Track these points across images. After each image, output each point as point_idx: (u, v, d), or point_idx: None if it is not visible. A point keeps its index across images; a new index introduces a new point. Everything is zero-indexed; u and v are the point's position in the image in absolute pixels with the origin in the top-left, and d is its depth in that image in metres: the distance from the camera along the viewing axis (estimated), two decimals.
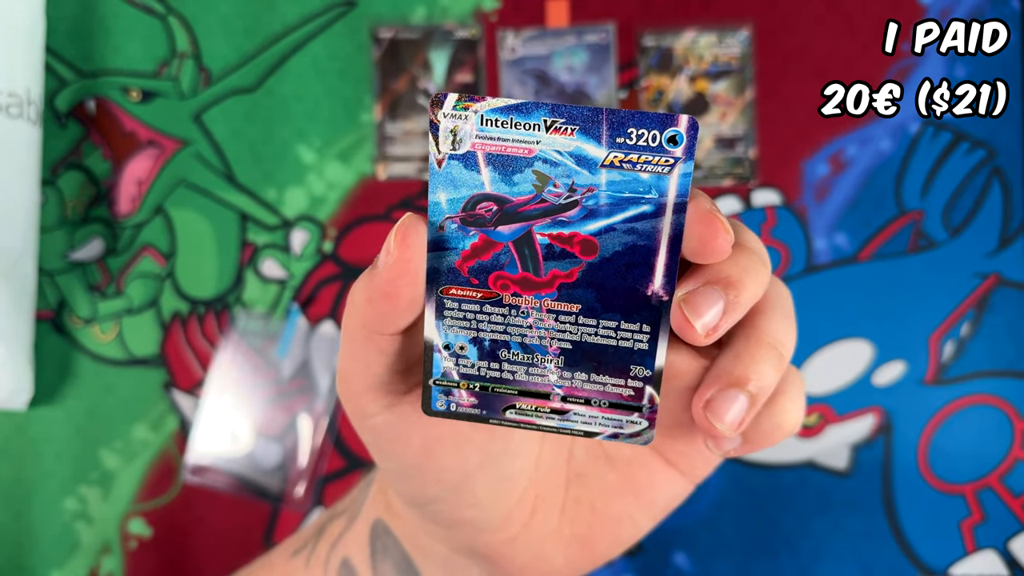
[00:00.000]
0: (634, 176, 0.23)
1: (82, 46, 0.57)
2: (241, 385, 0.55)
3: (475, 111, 0.22)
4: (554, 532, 0.30)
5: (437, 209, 0.23)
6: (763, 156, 0.56)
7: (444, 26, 0.57)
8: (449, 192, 0.23)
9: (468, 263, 0.24)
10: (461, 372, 0.25)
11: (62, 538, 0.55)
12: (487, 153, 0.23)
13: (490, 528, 0.29)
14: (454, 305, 0.24)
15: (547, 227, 0.23)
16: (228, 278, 0.56)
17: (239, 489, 0.55)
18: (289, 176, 0.57)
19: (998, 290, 0.55)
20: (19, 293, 0.52)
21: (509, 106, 0.22)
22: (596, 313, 0.24)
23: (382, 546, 0.33)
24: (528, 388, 0.25)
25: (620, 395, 0.25)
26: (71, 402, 0.55)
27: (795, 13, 0.57)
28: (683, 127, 0.22)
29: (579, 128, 0.22)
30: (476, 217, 0.23)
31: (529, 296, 0.24)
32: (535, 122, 0.22)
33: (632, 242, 0.23)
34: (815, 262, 0.56)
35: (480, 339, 0.25)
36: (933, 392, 0.55)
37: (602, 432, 0.25)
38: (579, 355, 0.25)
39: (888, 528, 0.55)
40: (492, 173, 0.23)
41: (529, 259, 0.24)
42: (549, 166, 0.23)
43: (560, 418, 0.25)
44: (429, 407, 0.25)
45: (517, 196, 0.23)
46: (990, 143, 0.56)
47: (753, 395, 0.25)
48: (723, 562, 0.54)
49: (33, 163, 0.53)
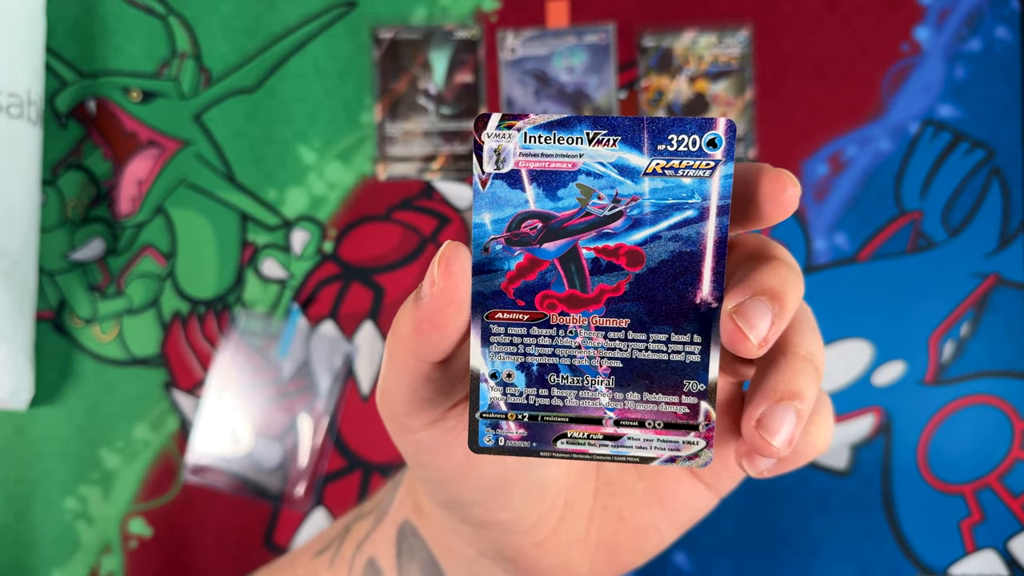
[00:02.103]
0: (676, 182, 0.23)
1: (83, 46, 0.57)
2: (241, 385, 0.55)
3: (518, 129, 0.22)
4: (581, 539, 0.30)
5: (482, 231, 0.23)
6: (763, 156, 0.57)
7: (444, 27, 0.57)
8: (494, 212, 0.23)
9: (514, 284, 0.23)
10: (509, 402, 0.24)
11: (63, 538, 0.55)
12: (531, 170, 0.23)
13: (519, 531, 0.29)
14: (500, 330, 0.24)
15: (592, 240, 0.23)
16: (228, 278, 0.56)
17: (239, 489, 0.55)
18: (289, 176, 0.57)
19: (997, 290, 0.55)
20: (20, 293, 0.52)
21: (552, 122, 0.22)
22: (646, 327, 0.24)
23: (408, 547, 0.33)
24: (579, 414, 0.24)
25: (675, 414, 0.24)
26: (72, 402, 0.55)
27: (795, 14, 0.57)
28: (721, 130, 0.22)
29: (621, 138, 0.22)
30: (521, 236, 0.23)
31: (577, 314, 0.24)
32: (578, 135, 0.22)
33: (678, 249, 0.23)
34: (815, 262, 0.56)
35: (528, 364, 0.24)
36: (933, 392, 0.55)
37: (659, 456, 0.25)
38: (630, 373, 0.24)
39: (888, 528, 0.55)
40: (536, 190, 0.23)
41: (576, 275, 0.24)
42: (593, 179, 0.23)
43: (614, 445, 0.25)
44: (476, 444, 0.25)
45: (562, 211, 0.23)
46: (989, 143, 0.56)
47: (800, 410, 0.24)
48: (723, 561, 0.55)
49: (34, 163, 0.53)
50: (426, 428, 0.26)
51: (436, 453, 0.27)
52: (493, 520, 0.29)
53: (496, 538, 0.30)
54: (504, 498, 0.28)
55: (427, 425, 0.26)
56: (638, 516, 0.30)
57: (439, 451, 0.27)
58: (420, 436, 0.27)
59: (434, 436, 0.27)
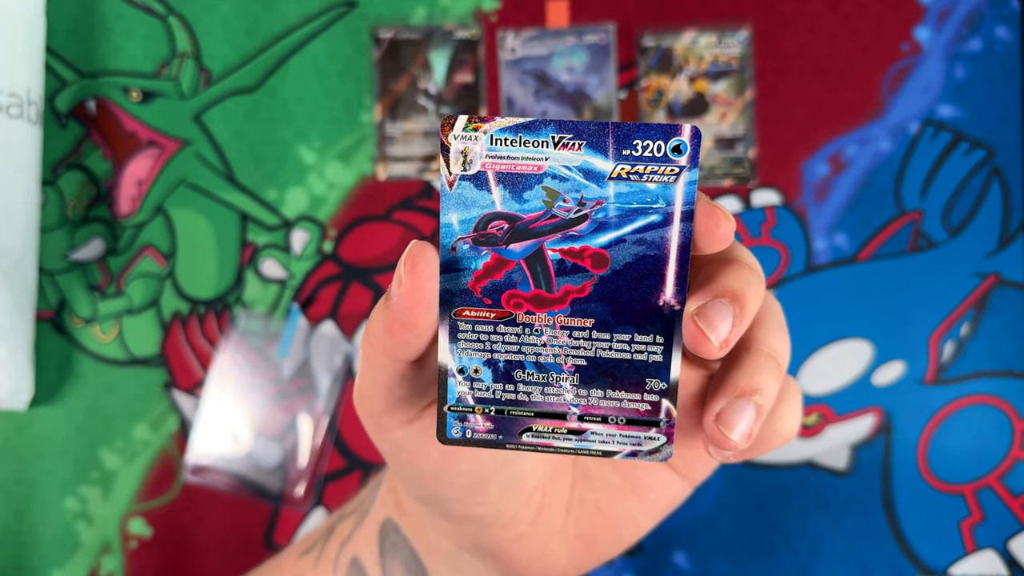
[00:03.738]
0: (641, 187, 0.23)
1: (83, 46, 0.57)
2: (241, 385, 0.55)
3: (484, 131, 0.23)
4: (559, 531, 0.31)
5: (449, 231, 0.23)
6: (763, 156, 0.57)
7: (444, 26, 0.57)
8: (460, 213, 0.23)
9: (481, 283, 0.24)
10: (476, 396, 0.25)
11: (63, 538, 0.55)
12: (497, 172, 0.23)
13: (498, 525, 0.30)
14: (468, 327, 0.24)
15: (558, 243, 0.24)
16: (228, 278, 0.56)
17: (239, 489, 0.55)
18: (289, 176, 0.57)
19: (997, 290, 0.55)
20: (20, 293, 0.52)
21: (518, 125, 0.23)
22: (610, 327, 0.24)
23: (391, 544, 0.33)
24: (544, 409, 0.25)
25: (637, 411, 0.25)
26: (71, 402, 0.55)
27: (794, 14, 0.57)
28: (686, 136, 0.22)
29: (586, 143, 0.23)
30: (488, 236, 0.23)
31: (542, 313, 0.24)
32: (543, 139, 0.23)
33: (642, 252, 0.24)
34: (815, 262, 0.56)
35: (494, 360, 0.25)
36: (933, 392, 0.55)
37: (620, 451, 0.25)
38: (594, 371, 0.25)
39: (888, 528, 0.55)
40: (503, 192, 0.23)
41: (541, 276, 0.24)
42: (558, 181, 0.23)
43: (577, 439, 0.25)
44: (444, 435, 0.25)
45: (528, 213, 0.23)
46: (989, 143, 0.56)
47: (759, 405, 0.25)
48: (723, 562, 0.55)
49: (34, 163, 0.53)
50: (402, 427, 0.27)
51: (413, 451, 0.27)
52: (471, 515, 0.29)
53: (475, 532, 0.30)
54: (482, 493, 0.28)
55: (403, 424, 0.27)
56: (615, 507, 0.31)
57: (416, 449, 0.27)
58: (397, 435, 0.27)
59: (410, 434, 0.27)
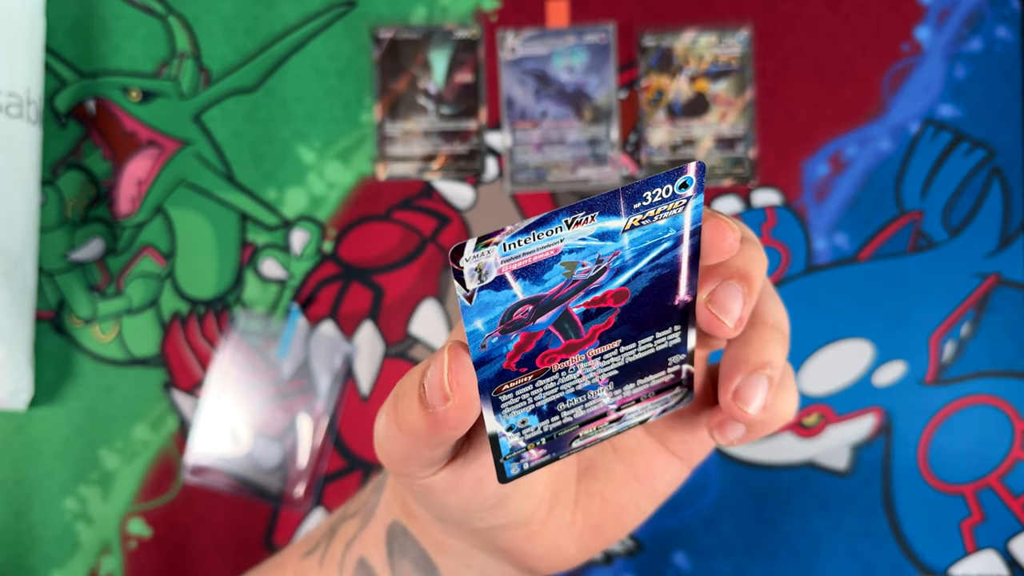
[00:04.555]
0: (653, 226, 0.23)
1: (82, 46, 0.57)
2: (241, 385, 0.55)
3: (496, 243, 0.21)
4: (568, 524, 0.32)
5: (476, 334, 0.23)
6: (763, 156, 0.57)
7: (444, 26, 0.57)
8: (485, 316, 0.23)
9: (515, 360, 0.24)
10: (527, 439, 0.26)
11: (62, 538, 0.55)
12: (515, 270, 0.22)
13: (513, 527, 0.30)
14: (508, 395, 0.25)
15: (581, 299, 0.24)
16: (228, 278, 0.56)
17: (239, 489, 0.55)
18: (289, 176, 0.57)
19: (998, 290, 0.55)
20: (19, 293, 0.52)
21: (529, 225, 0.22)
22: (634, 338, 0.26)
23: (399, 545, 0.33)
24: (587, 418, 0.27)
25: (663, 382, 0.27)
26: (71, 402, 0.55)
27: (795, 13, 0.57)
28: (692, 172, 0.22)
29: (598, 213, 0.22)
30: (515, 323, 0.23)
31: (575, 356, 0.25)
32: (557, 226, 0.22)
33: (658, 274, 0.24)
34: (815, 262, 0.56)
35: (538, 407, 0.25)
36: (933, 392, 0.55)
37: (653, 414, 0.28)
38: (625, 374, 0.26)
39: (888, 528, 0.55)
40: (523, 283, 0.23)
41: (570, 330, 0.24)
42: (575, 253, 0.23)
43: (618, 424, 0.27)
44: (504, 478, 0.26)
45: (549, 289, 0.23)
46: (990, 143, 0.56)
47: (771, 378, 0.26)
48: (723, 562, 0.54)
49: (33, 163, 0.53)
50: (434, 476, 0.27)
51: (445, 491, 0.27)
52: (490, 525, 0.30)
53: (491, 535, 0.30)
54: (502, 508, 0.29)
55: (434, 473, 0.27)
56: (619, 495, 0.32)
57: (448, 490, 0.27)
58: (429, 481, 0.27)
59: (443, 478, 0.27)
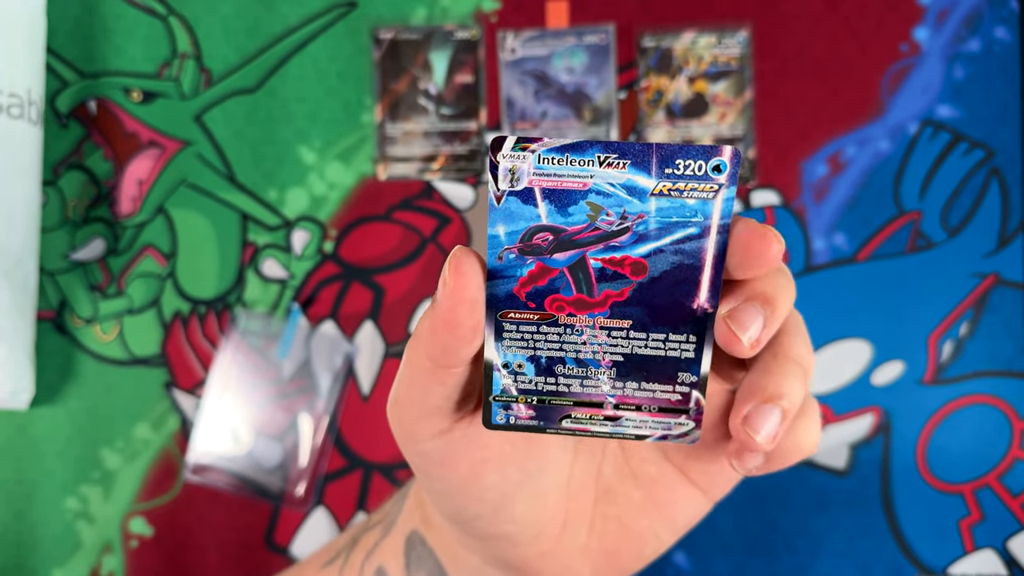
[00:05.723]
0: (681, 202, 0.24)
1: (83, 47, 0.57)
2: (242, 385, 0.55)
3: (533, 151, 0.24)
4: (583, 546, 0.31)
5: (496, 241, 0.25)
6: (762, 156, 0.57)
7: (444, 27, 0.57)
8: (508, 225, 0.24)
9: (525, 288, 0.25)
10: (519, 388, 0.26)
11: (63, 537, 0.55)
12: (544, 188, 0.24)
13: (524, 543, 0.30)
14: (512, 327, 0.26)
15: (600, 252, 0.25)
16: (229, 278, 0.56)
17: (240, 488, 0.55)
18: (290, 176, 0.57)
19: (996, 290, 0.56)
20: (20, 293, 0.52)
21: (564, 145, 0.24)
22: (646, 327, 0.26)
23: (417, 556, 0.34)
24: (582, 399, 0.27)
25: (669, 400, 0.27)
26: (72, 402, 0.56)
27: (794, 14, 0.57)
28: (727, 157, 0.24)
29: (631, 162, 0.24)
30: (533, 247, 0.25)
31: (583, 315, 0.25)
32: (589, 158, 0.24)
33: (679, 261, 0.25)
34: (814, 262, 0.56)
35: (537, 356, 0.26)
36: (932, 392, 0.55)
37: (652, 435, 0.27)
38: (630, 366, 0.26)
39: (887, 527, 0.55)
40: (548, 206, 0.24)
41: (583, 282, 0.25)
42: (602, 197, 0.24)
43: (613, 424, 0.27)
44: (489, 421, 0.27)
45: (572, 226, 0.24)
46: (988, 143, 0.56)
47: (785, 409, 0.26)
48: (722, 561, 0.55)
49: (34, 163, 0.53)
50: (433, 438, 0.28)
51: (443, 463, 0.28)
52: (498, 532, 0.30)
53: (502, 549, 0.31)
54: (507, 510, 0.29)
55: (435, 435, 0.28)
56: (636, 522, 0.31)
57: (445, 461, 0.28)
58: (427, 446, 0.28)
59: (440, 447, 0.28)
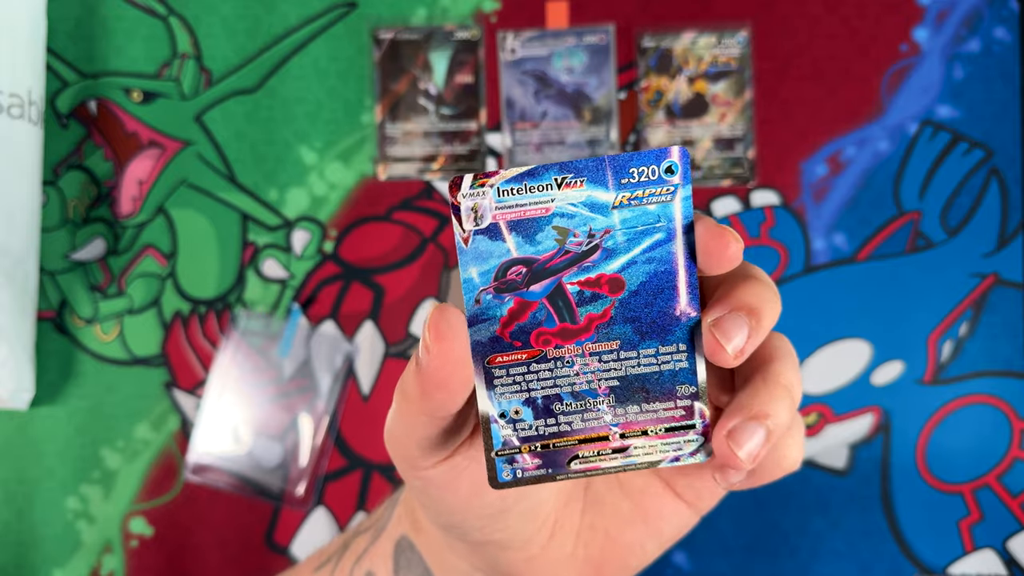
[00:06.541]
0: (643, 210, 0.25)
1: (84, 47, 0.57)
2: (242, 385, 0.55)
3: (491, 185, 0.24)
4: (569, 555, 0.32)
5: (471, 285, 0.25)
6: (762, 157, 0.57)
7: (444, 27, 0.57)
8: (479, 266, 0.25)
9: (508, 328, 0.25)
10: (521, 436, 0.26)
11: (64, 537, 0.55)
12: (508, 221, 0.24)
13: (512, 548, 0.30)
14: (502, 372, 0.26)
15: (575, 275, 0.25)
16: (229, 278, 0.57)
17: (240, 488, 0.55)
18: (290, 176, 0.57)
19: (996, 290, 0.56)
20: (21, 293, 0.52)
21: (520, 174, 0.24)
22: (635, 344, 0.26)
23: (406, 561, 0.34)
24: (587, 435, 0.26)
25: (672, 417, 0.26)
26: (73, 402, 0.56)
27: (793, 14, 0.57)
28: (676, 157, 0.24)
29: (587, 179, 0.24)
30: (508, 283, 0.25)
31: (570, 344, 0.26)
32: (547, 183, 0.24)
33: (653, 269, 0.25)
34: (814, 262, 0.56)
35: (533, 399, 0.26)
36: (931, 392, 0.55)
37: (664, 459, 0.27)
38: (627, 389, 0.26)
39: (887, 527, 0.55)
40: (516, 238, 0.25)
41: (564, 309, 0.25)
42: (567, 219, 0.25)
43: (623, 456, 0.27)
44: (496, 481, 0.26)
45: (542, 254, 0.25)
46: (988, 144, 0.56)
47: (770, 430, 0.26)
48: (722, 561, 0.55)
49: (35, 163, 0.53)
50: (436, 466, 0.28)
51: (444, 487, 0.28)
52: (489, 540, 0.30)
53: (491, 555, 0.31)
54: (502, 521, 0.29)
55: (436, 464, 0.28)
56: (623, 534, 0.32)
57: (447, 486, 0.28)
58: (429, 473, 0.28)
59: (442, 472, 0.28)
